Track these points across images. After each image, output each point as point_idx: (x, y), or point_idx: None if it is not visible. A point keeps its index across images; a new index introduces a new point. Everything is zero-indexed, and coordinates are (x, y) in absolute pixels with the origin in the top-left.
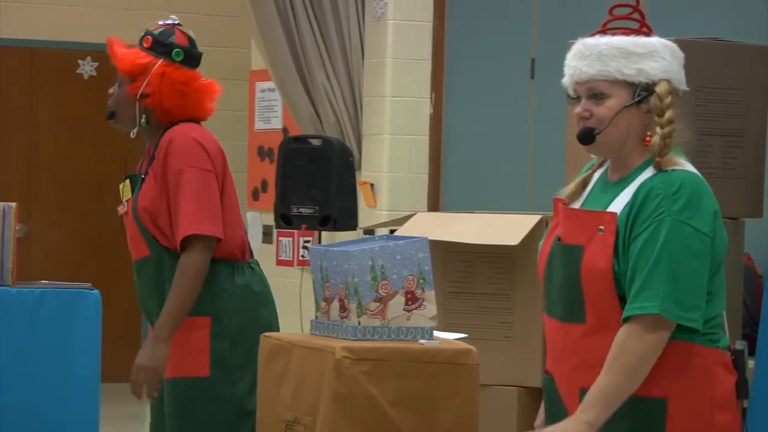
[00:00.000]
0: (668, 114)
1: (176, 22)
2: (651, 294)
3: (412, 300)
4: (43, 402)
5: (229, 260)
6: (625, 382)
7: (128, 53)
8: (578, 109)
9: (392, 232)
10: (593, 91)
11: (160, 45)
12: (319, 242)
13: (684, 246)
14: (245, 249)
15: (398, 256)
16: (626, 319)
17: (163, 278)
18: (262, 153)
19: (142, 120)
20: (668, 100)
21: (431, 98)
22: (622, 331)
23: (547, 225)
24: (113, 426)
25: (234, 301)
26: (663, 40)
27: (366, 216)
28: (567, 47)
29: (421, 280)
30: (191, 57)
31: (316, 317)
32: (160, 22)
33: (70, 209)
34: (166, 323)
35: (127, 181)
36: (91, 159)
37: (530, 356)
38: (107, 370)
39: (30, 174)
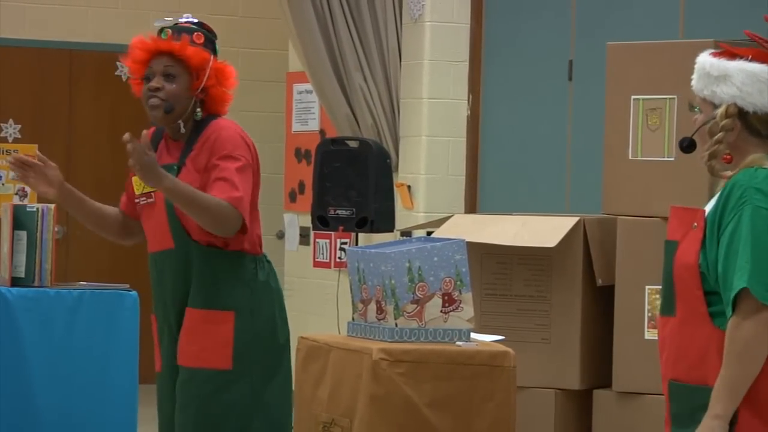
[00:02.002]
0: (719, 135)
1: (197, 20)
2: (740, 274)
3: (450, 302)
4: (81, 403)
5: (252, 255)
6: (740, 369)
7: (197, 49)
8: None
9: (429, 233)
10: (691, 104)
11: (210, 41)
12: (356, 244)
13: (766, 229)
14: (261, 243)
15: (435, 258)
16: (732, 310)
17: (187, 271)
18: (299, 155)
19: (197, 114)
20: (724, 122)
21: (468, 100)
22: (728, 324)
23: (584, 227)
24: (151, 428)
25: (256, 297)
26: (743, 64)
27: (403, 218)
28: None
29: (459, 282)
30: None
31: (353, 319)
32: (189, 19)
33: None
34: (183, 190)
35: None
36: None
37: (568, 358)
38: (145, 372)
39: (69, 175)
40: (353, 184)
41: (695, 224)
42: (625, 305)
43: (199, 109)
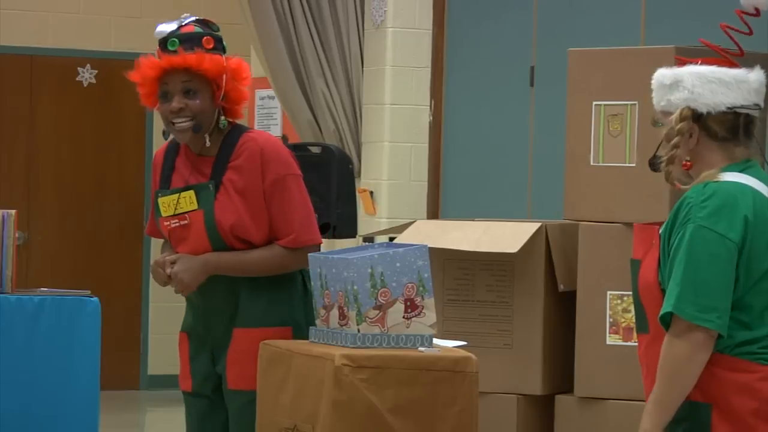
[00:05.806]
0: (675, 139)
1: (195, 18)
2: (669, 295)
3: (412, 307)
4: (42, 410)
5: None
6: (668, 387)
7: (213, 58)
8: None
9: (392, 239)
10: (654, 119)
11: (219, 42)
12: (319, 250)
13: (705, 250)
14: None
15: (398, 264)
16: (666, 328)
17: (235, 291)
18: None
19: (223, 122)
20: (680, 125)
21: (431, 106)
22: (663, 342)
23: (546, 233)
24: None
25: (307, 308)
26: (693, 68)
27: (365, 223)
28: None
29: (421, 288)
30: None
31: (316, 325)
32: (192, 20)
33: (70, 217)
34: (230, 263)
35: (191, 192)
36: (90, 166)
37: (530, 364)
38: (106, 378)
39: (30, 181)
40: (315, 190)
41: (654, 242)
42: (587, 311)
43: (222, 117)
